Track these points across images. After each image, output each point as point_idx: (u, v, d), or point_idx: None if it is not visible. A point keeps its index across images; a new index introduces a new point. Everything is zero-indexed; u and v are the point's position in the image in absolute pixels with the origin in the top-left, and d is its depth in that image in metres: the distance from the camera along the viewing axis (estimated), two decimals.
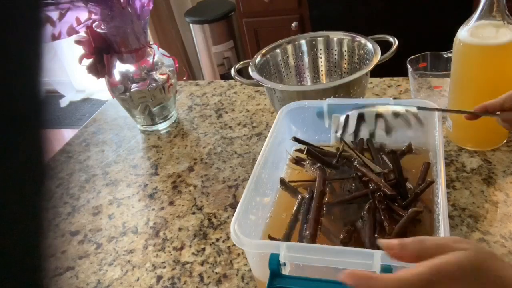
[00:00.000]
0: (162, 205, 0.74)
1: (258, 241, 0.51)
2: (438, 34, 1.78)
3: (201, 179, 0.78)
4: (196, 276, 0.60)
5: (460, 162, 0.70)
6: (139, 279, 0.62)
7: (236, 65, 0.86)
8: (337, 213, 0.57)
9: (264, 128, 0.88)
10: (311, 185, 0.59)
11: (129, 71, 0.88)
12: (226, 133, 0.89)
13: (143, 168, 0.84)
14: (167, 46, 2.24)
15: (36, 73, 0.16)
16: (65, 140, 0.97)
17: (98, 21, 0.83)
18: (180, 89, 1.07)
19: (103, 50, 0.85)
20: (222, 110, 0.97)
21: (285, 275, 0.44)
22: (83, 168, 0.88)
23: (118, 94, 0.89)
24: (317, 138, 0.68)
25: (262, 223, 0.57)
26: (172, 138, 0.91)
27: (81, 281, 0.63)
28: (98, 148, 0.93)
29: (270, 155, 0.60)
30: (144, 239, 0.68)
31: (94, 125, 1.01)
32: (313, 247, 0.47)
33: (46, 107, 0.17)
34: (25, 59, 0.16)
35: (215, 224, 0.68)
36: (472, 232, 0.58)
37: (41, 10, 0.17)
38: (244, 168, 0.78)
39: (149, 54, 0.88)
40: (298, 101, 0.67)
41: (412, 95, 0.83)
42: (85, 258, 0.67)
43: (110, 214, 0.74)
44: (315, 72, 0.93)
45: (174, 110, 0.96)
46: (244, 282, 0.58)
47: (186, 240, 0.66)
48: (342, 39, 0.88)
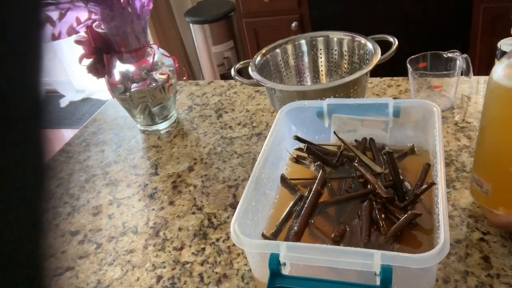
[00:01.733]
0: (162, 205, 0.74)
1: (258, 241, 0.51)
2: (438, 34, 1.78)
3: (201, 179, 0.78)
4: (196, 276, 0.60)
5: (460, 162, 0.70)
6: (139, 279, 0.62)
7: (236, 65, 0.86)
8: (332, 213, 0.57)
9: (264, 128, 0.88)
10: (311, 183, 0.59)
11: (129, 71, 0.88)
12: (226, 133, 0.89)
13: (143, 168, 0.84)
14: (167, 46, 2.24)
15: (36, 73, 0.16)
16: (65, 140, 0.97)
17: (98, 21, 0.83)
18: (180, 89, 1.07)
19: (103, 50, 0.85)
20: (222, 110, 0.97)
21: (285, 275, 0.44)
22: (83, 168, 0.88)
23: (118, 94, 0.89)
24: (317, 138, 0.68)
25: (262, 223, 0.57)
26: (172, 138, 0.91)
27: (81, 281, 0.63)
28: (98, 148, 0.93)
29: (270, 155, 0.60)
30: (144, 239, 0.68)
31: (94, 125, 1.01)
32: (313, 247, 0.47)
33: (46, 107, 0.17)
34: (25, 59, 0.16)
35: (215, 224, 0.68)
36: (472, 232, 0.58)
37: (41, 10, 0.17)
38: (244, 168, 0.78)
39: (149, 54, 0.88)
40: (298, 101, 0.67)
41: (412, 95, 0.83)
42: (85, 258, 0.67)
43: (110, 214, 0.74)
44: (315, 72, 0.93)
45: (174, 110, 0.96)
46: (244, 282, 0.58)
47: (186, 240, 0.66)
48: (342, 39, 0.88)
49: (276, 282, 0.44)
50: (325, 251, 0.44)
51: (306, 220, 0.54)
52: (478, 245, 0.56)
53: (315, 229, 0.54)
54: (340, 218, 0.55)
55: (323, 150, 0.65)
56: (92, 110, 2.76)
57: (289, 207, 0.58)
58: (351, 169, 0.61)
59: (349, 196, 0.57)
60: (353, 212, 0.55)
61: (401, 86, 0.91)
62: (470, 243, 0.57)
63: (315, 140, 0.67)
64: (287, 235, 0.54)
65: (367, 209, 0.53)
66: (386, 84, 0.93)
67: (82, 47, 0.85)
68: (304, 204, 0.56)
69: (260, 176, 0.56)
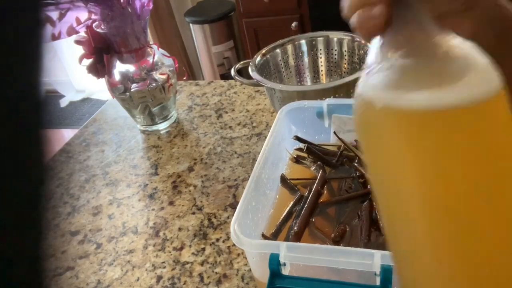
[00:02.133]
0: (162, 205, 0.74)
1: (258, 241, 0.51)
2: None
3: (201, 179, 0.78)
4: (196, 276, 0.60)
5: None
6: (139, 279, 0.62)
7: (236, 65, 0.86)
8: (332, 213, 0.57)
9: (264, 128, 0.88)
10: (311, 183, 0.59)
11: (129, 71, 0.88)
12: (226, 133, 0.89)
13: (143, 168, 0.84)
14: (167, 46, 2.24)
15: (36, 73, 0.16)
16: (65, 140, 0.97)
17: (98, 21, 0.83)
18: (180, 89, 1.07)
19: (103, 50, 0.85)
20: (222, 110, 0.97)
21: (285, 275, 0.44)
22: (83, 168, 0.88)
23: (118, 94, 0.89)
24: (317, 138, 0.68)
25: (262, 223, 0.57)
26: (172, 138, 0.91)
27: (81, 281, 0.63)
28: (98, 148, 0.93)
29: (270, 155, 0.60)
30: (144, 239, 0.68)
31: (94, 125, 1.01)
32: (313, 247, 0.47)
33: (46, 107, 0.17)
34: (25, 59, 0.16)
35: (215, 224, 0.68)
36: None
37: (41, 10, 0.17)
38: (244, 168, 0.78)
39: (149, 54, 0.88)
40: (298, 101, 0.67)
41: None
42: (85, 258, 0.67)
43: (110, 214, 0.74)
44: (315, 72, 0.93)
45: (174, 110, 0.96)
46: (244, 282, 0.58)
47: (186, 240, 0.66)
48: (342, 39, 0.88)
49: (276, 282, 0.44)
50: (325, 251, 0.44)
51: (306, 220, 0.54)
52: None
53: (315, 229, 0.54)
54: (340, 218, 0.55)
55: (323, 150, 0.65)
56: (92, 110, 2.76)
57: (289, 207, 0.58)
58: (351, 169, 0.61)
59: (349, 196, 0.57)
60: (353, 212, 0.55)
61: None
62: None
63: (315, 140, 0.67)
64: (287, 235, 0.54)
65: (367, 209, 0.53)
66: None
67: (82, 47, 0.85)
68: (304, 204, 0.56)
69: (260, 176, 0.56)
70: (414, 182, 0.24)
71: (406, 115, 0.24)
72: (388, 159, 0.25)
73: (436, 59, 0.26)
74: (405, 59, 0.26)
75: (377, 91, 0.25)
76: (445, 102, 0.23)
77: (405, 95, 0.24)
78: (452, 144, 0.24)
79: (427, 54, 0.26)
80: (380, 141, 0.26)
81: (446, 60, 0.25)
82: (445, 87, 0.24)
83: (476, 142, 0.24)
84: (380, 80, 0.26)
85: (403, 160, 0.24)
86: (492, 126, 0.24)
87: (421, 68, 0.26)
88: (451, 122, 0.23)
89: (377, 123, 0.25)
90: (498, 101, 0.24)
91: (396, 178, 0.25)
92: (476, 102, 0.23)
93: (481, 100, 0.24)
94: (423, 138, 0.24)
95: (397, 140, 0.25)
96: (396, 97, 0.24)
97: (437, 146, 0.24)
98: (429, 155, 0.24)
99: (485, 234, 0.23)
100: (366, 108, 0.26)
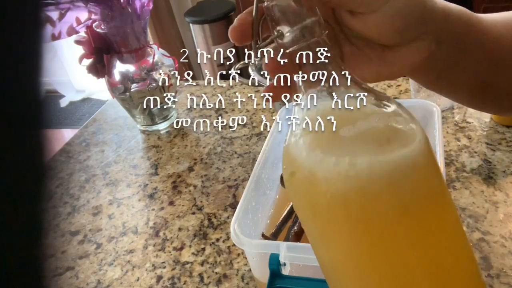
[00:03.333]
0: (162, 205, 0.74)
1: (258, 241, 0.51)
2: None
3: (201, 179, 0.78)
4: (196, 276, 0.60)
5: (460, 162, 0.70)
6: (139, 279, 0.62)
7: (236, 65, 0.86)
8: None
9: (264, 128, 0.88)
10: None
11: (129, 71, 0.88)
12: (226, 133, 0.89)
13: (143, 168, 0.84)
14: (167, 46, 2.24)
15: (36, 73, 0.16)
16: (65, 140, 0.97)
17: (98, 21, 0.83)
18: (180, 89, 1.07)
19: (103, 50, 0.85)
20: (222, 110, 0.97)
21: (285, 275, 0.44)
22: (83, 168, 0.87)
23: (118, 94, 0.89)
24: None
25: (262, 223, 0.57)
26: (172, 138, 0.91)
27: (81, 281, 0.63)
28: (98, 148, 0.93)
29: (270, 155, 0.60)
30: (144, 239, 0.68)
31: (94, 125, 1.01)
32: None
33: (46, 107, 0.17)
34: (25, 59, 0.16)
35: (215, 224, 0.68)
36: (472, 232, 0.58)
37: (41, 10, 0.17)
38: (244, 168, 0.78)
39: (149, 54, 0.88)
40: None
41: (412, 95, 0.83)
42: (85, 258, 0.67)
43: (110, 214, 0.74)
44: None
45: (174, 110, 0.96)
46: (244, 282, 0.58)
47: (186, 240, 0.66)
48: None
49: (276, 282, 0.44)
50: None
51: None
52: (478, 245, 0.56)
53: None
54: None
55: None
56: (92, 110, 2.76)
57: (289, 207, 0.58)
58: None
59: None
60: None
61: (401, 86, 0.91)
62: (470, 243, 0.57)
63: None
64: (287, 235, 0.54)
65: None
66: (386, 84, 0.93)
67: (82, 47, 0.85)
68: None
69: (260, 176, 0.56)
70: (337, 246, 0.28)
71: (326, 186, 0.25)
72: (314, 214, 0.27)
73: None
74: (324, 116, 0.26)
75: (300, 151, 0.27)
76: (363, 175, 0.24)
77: (326, 160, 0.25)
78: (372, 218, 0.25)
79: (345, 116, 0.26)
80: (305, 199, 0.27)
81: (364, 125, 0.26)
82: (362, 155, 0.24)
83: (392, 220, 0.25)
84: (302, 140, 0.27)
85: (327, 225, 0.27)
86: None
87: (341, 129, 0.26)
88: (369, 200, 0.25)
89: (301, 186, 0.27)
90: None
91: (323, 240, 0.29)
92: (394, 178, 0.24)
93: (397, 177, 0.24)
94: (342, 210, 0.25)
95: (320, 206, 0.26)
96: (316, 163, 0.25)
97: (357, 218, 0.25)
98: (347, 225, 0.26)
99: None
100: (292, 169, 0.28)
